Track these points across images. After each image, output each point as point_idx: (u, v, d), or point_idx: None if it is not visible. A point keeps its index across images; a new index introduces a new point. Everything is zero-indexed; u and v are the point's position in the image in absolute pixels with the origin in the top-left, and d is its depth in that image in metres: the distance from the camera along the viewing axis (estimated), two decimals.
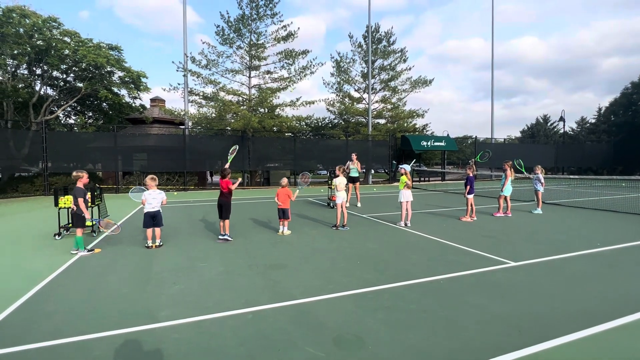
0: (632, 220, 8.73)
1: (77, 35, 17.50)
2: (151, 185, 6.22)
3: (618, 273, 4.73)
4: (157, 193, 6.23)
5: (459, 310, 3.55)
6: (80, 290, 4.19)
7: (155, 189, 6.24)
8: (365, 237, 7.03)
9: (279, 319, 3.37)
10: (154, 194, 6.19)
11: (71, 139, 18.18)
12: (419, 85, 27.70)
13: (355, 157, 11.70)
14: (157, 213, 6.15)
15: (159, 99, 24.01)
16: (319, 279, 4.51)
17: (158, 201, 6.19)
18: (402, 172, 8.19)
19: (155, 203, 6.16)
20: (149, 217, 6.12)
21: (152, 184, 6.22)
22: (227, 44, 21.61)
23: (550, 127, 52.01)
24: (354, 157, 11.65)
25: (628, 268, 4.93)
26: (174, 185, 18.09)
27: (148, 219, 6.13)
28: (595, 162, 30.19)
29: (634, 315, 3.40)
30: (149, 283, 4.40)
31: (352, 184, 11.48)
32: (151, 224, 6.14)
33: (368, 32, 25.63)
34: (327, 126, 30.04)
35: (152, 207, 6.13)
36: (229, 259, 5.44)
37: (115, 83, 19.43)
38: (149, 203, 6.13)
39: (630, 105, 33.87)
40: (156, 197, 6.19)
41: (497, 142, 28.94)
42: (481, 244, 6.32)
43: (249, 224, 8.35)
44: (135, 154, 19.26)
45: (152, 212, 6.12)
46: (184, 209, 11.13)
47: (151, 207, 6.13)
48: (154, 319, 3.37)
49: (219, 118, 20.99)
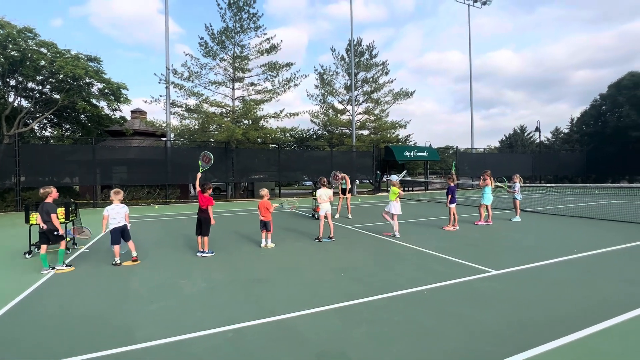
0: (606, 227, 9.05)
1: (54, 46, 17.11)
2: (115, 199, 5.95)
3: (595, 279, 4.85)
4: (121, 207, 5.95)
5: (443, 321, 3.54)
6: (51, 311, 3.96)
7: (118, 204, 5.96)
8: (350, 248, 7.00)
9: (261, 337, 3.27)
10: (117, 208, 5.92)
11: (47, 152, 17.50)
12: (401, 97, 28.34)
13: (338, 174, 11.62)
14: (124, 227, 5.90)
15: (140, 110, 23.59)
16: (303, 293, 4.42)
17: (122, 215, 5.93)
18: (393, 184, 8.24)
19: (119, 217, 5.89)
20: (117, 233, 5.85)
21: (116, 198, 5.96)
22: (210, 56, 21.58)
23: (527, 137, 53.90)
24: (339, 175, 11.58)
25: (604, 273, 5.07)
26: (155, 198, 17.64)
27: (116, 235, 5.85)
28: (570, 171, 31.40)
29: (612, 320, 3.48)
30: (125, 302, 4.21)
31: (343, 195, 11.50)
32: (119, 240, 5.88)
33: (350, 45, 26.16)
34: (311, 137, 30.20)
35: (117, 222, 5.86)
36: (210, 275, 5.29)
37: (94, 95, 19.01)
38: (113, 218, 5.85)
39: (599, 116, 35.61)
40: (119, 211, 5.92)
41: (477, 152, 29.74)
42: (464, 252, 6.39)
43: (231, 238, 8.19)
44: (114, 167, 18.72)
45: (119, 227, 5.87)
46: (165, 223, 10.84)
47: (116, 222, 5.86)
48: (129, 340, 3.21)
49: (202, 130, 20.77)
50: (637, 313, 3.64)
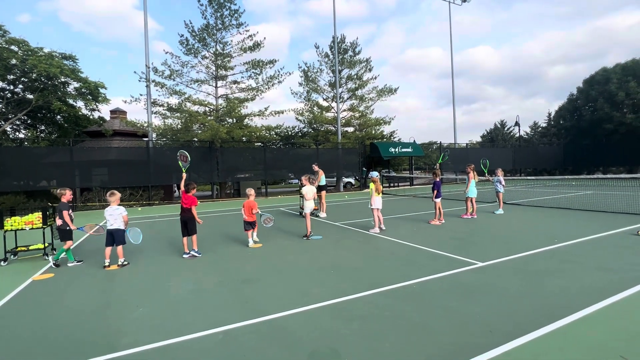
0: (584, 217, 9.39)
1: (25, 43, 16.41)
2: (110, 201, 5.95)
3: (576, 267, 5.01)
4: (115, 209, 5.90)
5: (432, 315, 3.58)
6: (30, 320, 3.79)
7: (114, 205, 5.93)
8: (338, 245, 7.01)
9: (252, 338, 3.22)
10: (111, 210, 5.89)
11: (21, 154, 16.77)
12: (384, 94, 28.55)
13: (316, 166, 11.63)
14: (115, 231, 5.83)
15: (119, 110, 22.92)
16: (293, 292, 4.40)
17: (115, 217, 5.86)
18: (373, 180, 8.26)
19: (112, 220, 5.84)
20: (108, 235, 5.84)
21: (111, 199, 5.95)
22: (192, 53, 21.15)
23: (507, 132, 55.37)
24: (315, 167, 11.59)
25: (584, 262, 5.25)
26: (138, 200, 17.20)
27: (108, 237, 5.84)
28: (548, 164, 32.42)
29: (593, 306, 3.60)
30: (110, 307, 4.08)
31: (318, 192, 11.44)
32: (112, 242, 5.83)
33: (334, 42, 26.14)
34: (297, 135, 30.08)
35: (110, 225, 5.84)
36: (197, 276, 5.19)
37: (70, 94, 18.32)
38: (107, 220, 5.85)
39: (575, 110, 36.84)
40: (113, 213, 5.87)
41: (460, 147, 30.30)
42: (450, 246, 6.49)
43: (218, 238, 8.06)
44: (94, 168, 18.12)
45: (110, 230, 5.84)
46: (149, 225, 10.58)
47: (109, 224, 5.84)
48: (114, 347, 3.10)
49: (185, 129, 20.35)
50: (616, 299, 3.78)
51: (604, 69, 33.70)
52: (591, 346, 2.90)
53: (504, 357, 2.75)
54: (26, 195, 16.31)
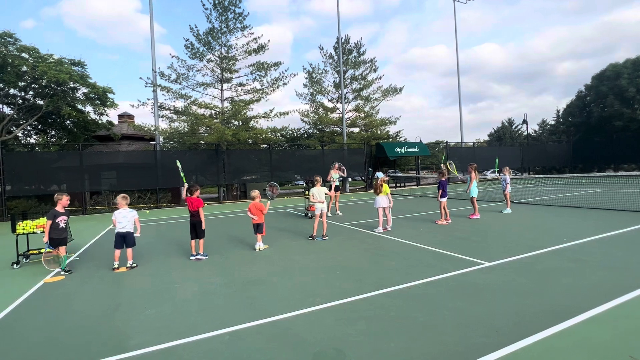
0: (593, 215, 9.24)
1: (36, 50, 16.75)
2: (121, 204, 6.05)
3: (584, 266, 4.95)
4: (128, 212, 6.02)
5: (438, 315, 3.57)
6: (41, 323, 3.88)
7: (125, 208, 6.04)
8: (344, 246, 7.01)
9: (258, 338, 3.25)
10: (124, 212, 6.00)
11: (32, 159, 17.12)
12: (389, 94, 28.45)
13: (337, 165, 11.69)
14: (127, 233, 5.94)
15: (127, 114, 23.24)
16: (299, 293, 4.42)
17: (128, 220, 5.98)
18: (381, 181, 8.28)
19: (125, 222, 5.95)
20: (119, 237, 5.92)
21: (123, 202, 6.06)
22: (197, 57, 21.33)
23: (515, 130, 54.76)
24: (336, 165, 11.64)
25: (593, 261, 5.18)
26: (146, 203, 17.40)
27: (119, 239, 5.92)
28: (557, 162, 31.95)
29: (601, 307, 3.55)
30: (118, 309, 4.15)
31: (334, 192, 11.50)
32: (122, 245, 5.93)
33: (338, 44, 26.16)
34: (302, 136, 30.13)
35: (122, 227, 5.92)
36: (204, 278, 5.24)
37: (79, 100, 18.64)
38: (119, 222, 5.94)
39: (584, 106, 36.31)
40: (126, 215, 5.99)
41: (467, 146, 30.03)
42: (456, 246, 6.45)
43: (225, 240, 8.13)
44: (103, 172, 18.40)
45: (122, 232, 5.92)
46: (157, 228, 10.70)
47: (121, 226, 5.93)
48: (122, 348, 3.16)
49: (192, 132, 20.55)
50: (626, 299, 3.72)
51: (614, 65, 33.18)
52: (599, 346, 2.86)
53: (510, 358, 2.73)
54: (37, 200, 16.61)
